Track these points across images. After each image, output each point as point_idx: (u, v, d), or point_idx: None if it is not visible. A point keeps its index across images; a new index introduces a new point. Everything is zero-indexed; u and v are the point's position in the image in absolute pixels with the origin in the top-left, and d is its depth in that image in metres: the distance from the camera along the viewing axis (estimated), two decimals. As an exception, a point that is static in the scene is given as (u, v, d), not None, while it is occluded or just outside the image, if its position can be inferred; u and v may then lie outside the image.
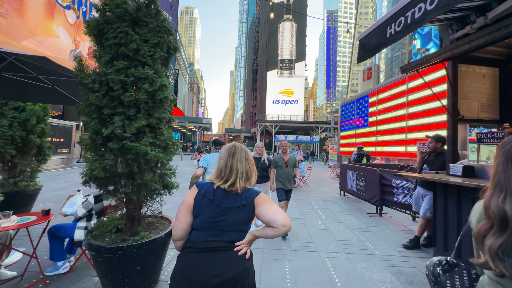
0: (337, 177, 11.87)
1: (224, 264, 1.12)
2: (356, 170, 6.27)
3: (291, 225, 1.15)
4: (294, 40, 57.56)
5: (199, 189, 1.23)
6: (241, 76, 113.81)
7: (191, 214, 1.20)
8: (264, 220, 1.16)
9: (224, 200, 1.20)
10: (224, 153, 1.30)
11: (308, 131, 48.73)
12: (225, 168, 1.25)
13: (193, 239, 1.18)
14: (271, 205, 1.20)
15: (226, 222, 1.17)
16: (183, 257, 1.17)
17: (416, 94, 11.54)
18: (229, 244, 1.17)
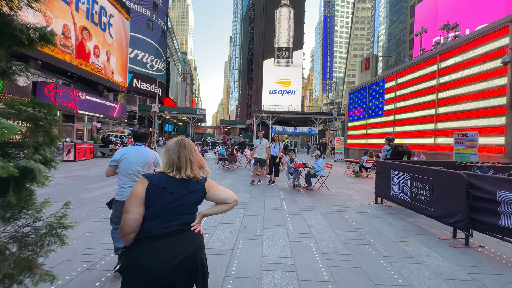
0: (354, 175, 10.03)
1: (184, 243, 1.26)
2: (411, 171, 4.36)
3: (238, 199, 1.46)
4: (292, 27, 54.78)
5: (150, 180, 1.26)
6: (235, 67, 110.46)
7: (143, 205, 1.24)
8: (220, 199, 1.40)
9: (177, 188, 1.29)
10: (175, 145, 1.36)
11: (306, 122, 46.84)
12: (178, 159, 1.32)
13: (148, 229, 1.23)
14: (220, 187, 1.45)
15: (181, 207, 1.29)
16: (138, 248, 1.21)
17: (452, 75, 9.63)
18: (185, 226, 1.30)
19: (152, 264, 1.16)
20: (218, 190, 1.41)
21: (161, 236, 1.21)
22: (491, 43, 8.04)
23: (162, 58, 47.42)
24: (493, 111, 7.90)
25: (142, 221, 1.23)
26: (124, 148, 2.50)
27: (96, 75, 20.35)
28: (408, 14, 50.33)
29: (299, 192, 6.53)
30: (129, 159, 2.36)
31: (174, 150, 1.34)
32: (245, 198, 5.68)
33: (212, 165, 12.52)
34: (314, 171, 6.79)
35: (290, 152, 7.73)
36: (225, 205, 1.40)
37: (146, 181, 1.26)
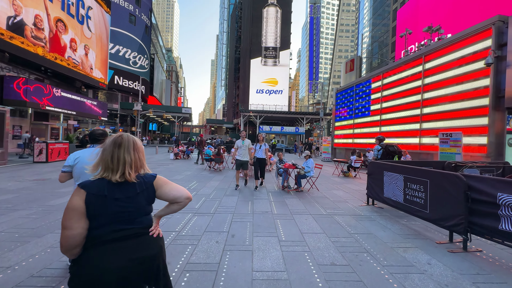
0: (343, 175, 9.96)
1: (140, 248, 1.19)
2: (405, 172, 4.22)
3: (192, 196, 1.38)
4: (279, 27, 54.87)
5: (87, 190, 1.16)
6: (222, 65, 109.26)
7: (84, 218, 1.13)
8: (170, 198, 1.31)
9: (121, 192, 1.19)
10: (109, 144, 1.25)
11: (293, 122, 47.09)
12: (111, 160, 1.22)
13: (98, 234, 1.14)
14: (172, 185, 1.35)
15: (131, 210, 1.20)
16: (90, 253, 1.13)
17: (437, 76, 9.80)
18: (143, 229, 1.24)
19: (107, 267, 1.10)
20: (168, 189, 1.32)
21: (113, 240, 1.14)
22: (474, 45, 8.22)
23: (145, 54, 45.78)
24: (476, 111, 8.08)
25: (87, 233, 1.14)
26: (78, 152, 2.24)
27: (72, 71, 19.10)
28: (390, 18, 51.84)
29: (289, 194, 6.28)
30: (83, 163, 2.11)
31: (108, 150, 1.24)
32: (232, 202, 5.34)
33: (197, 166, 12.03)
34: (304, 172, 6.56)
35: (279, 153, 7.46)
36: (176, 204, 1.34)
37: (83, 191, 1.15)
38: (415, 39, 31.11)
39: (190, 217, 4.25)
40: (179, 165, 12.14)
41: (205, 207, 4.87)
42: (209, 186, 7.10)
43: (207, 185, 7.25)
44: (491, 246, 3.34)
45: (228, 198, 5.65)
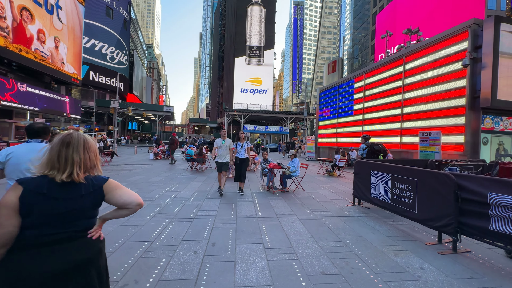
0: (327, 174, 9.91)
1: (77, 250, 1.15)
2: (392, 171, 4.12)
3: (143, 203, 1.32)
4: (263, 26, 54.81)
5: (25, 186, 1.10)
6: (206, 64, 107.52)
7: (17, 215, 1.07)
8: (120, 203, 1.26)
9: (62, 192, 1.15)
10: (57, 143, 1.20)
11: (278, 121, 47.26)
12: (57, 159, 1.17)
13: (29, 236, 1.08)
14: (123, 189, 1.29)
15: (72, 212, 1.16)
16: (16, 256, 1.06)
17: (416, 77, 10.04)
18: (81, 232, 1.19)
19: (34, 271, 1.05)
20: (119, 194, 1.27)
21: (44, 242, 1.09)
22: (452, 47, 8.47)
23: (124, 50, 43.70)
24: (454, 111, 8.33)
25: (18, 232, 1.08)
26: (10, 147, 1.98)
27: (41, 64, 17.58)
28: (370, 22, 53.61)
29: (274, 195, 6.04)
30: (18, 159, 1.88)
31: (55, 149, 1.19)
32: (214, 205, 4.99)
33: (179, 166, 11.48)
34: (289, 172, 6.35)
35: (264, 152, 7.20)
36: (126, 210, 1.29)
37: (20, 187, 1.10)
38: (393, 42, 32.33)
39: (166, 223, 3.85)
40: (159, 166, 11.51)
41: (184, 212, 4.48)
42: (190, 188, 6.68)
43: (188, 187, 6.82)
44: (479, 246, 3.29)
45: (210, 201, 5.29)
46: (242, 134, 6.15)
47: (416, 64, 9.86)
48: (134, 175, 8.57)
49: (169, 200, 5.26)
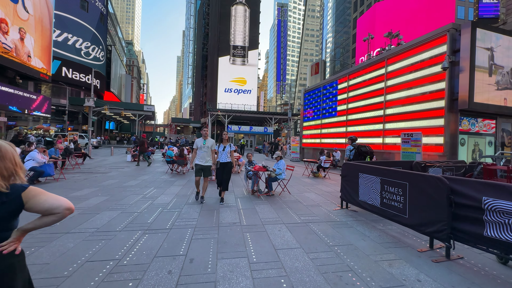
0: (312, 175, 9.80)
1: None
2: (382, 174, 3.98)
3: (74, 207, 1.22)
4: (247, 26, 54.56)
5: None
6: (189, 62, 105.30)
7: None
8: (44, 210, 1.17)
9: None
10: None
11: (262, 122, 47.16)
12: None
13: None
14: (47, 195, 1.21)
15: None
16: None
17: (398, 79, 10.23)
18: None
19: None
20: (43, 199, 1.17)
21: None
22: (431, 50, 8.69)
23: (101, 45, 41.43)
24: (434, 113, 8.53)
25: None
26: None
27: (2, 57, 15.99)
28: (351, 26, 55.19)
29: (259, 199, 5.74)
30: None
31: None
32: (194, 212, 4.59)
33: (158, 168, 10.84)
34: (275, 175, 6.09)
35: (248, 153, 6.88)
36: (52, 216, 1.17)
37: None
38: (373, 46, 33.38)
39: (139, 236, 3.41)
40: (137, 168, 10.80)
41: (160, 221, 4.04)
42: (169, 192, 6.20)
43: (166, 191, 6.33)
44: (469, 251, 3.20)
45: (190, 208, 4.88)
46: (226, 135, 5.38)
47: (397, 66, 10.05)
48: (108, 179, 7.88)
49: (144, 208, 4.78)
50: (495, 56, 8.08)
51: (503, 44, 8.24)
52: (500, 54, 8.17)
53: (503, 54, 8.25)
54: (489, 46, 7.95)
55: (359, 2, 52.00)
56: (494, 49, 8.05)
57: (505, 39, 8.27)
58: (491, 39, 7.96)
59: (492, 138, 8.85)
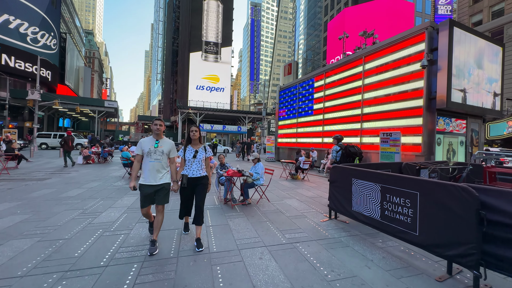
0: (291, 177, 9.10)
1: None
2: (383, 180, 3.29)
3: None
4: (220, 23, 52.99)
5: None
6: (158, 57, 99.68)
7: None
8: None
9: None
10: None
11: (235, 121, 46.05)
12: None
13: None
14: None
15: None
16: None
17: (376, 77, 10.02)
18: None
19: None
20: None
21: None
22: (410, 48, 8.52)
23: (53, 32, 36.65)
24: (412, 112, 8.37)
25: None
26: None
27: None
28: (322, 29, 56.66)
29: (234, 211, 4.78)
30: None
31: None
32: (148, 234, 3.47)
33: (114, 172, 9.24)
34: (252, 180, 5.18)
35: (220, 155, 5.86)
36: None
37: None
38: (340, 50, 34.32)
39: (51, 285, 2.23)
40: (87, 173, 9.08)
41: (93, 253, 2.87)
42: (119, 205, 4.92)
43: (116, 203, 5.04)
44: (495, 276, 2.62)
45: (142, 227, 3.73)
46: (197, 133, 3.29)
47: (375, 64, 9.82)
48: (42, 188, 6.25)
49: (77, 231, 3.52)
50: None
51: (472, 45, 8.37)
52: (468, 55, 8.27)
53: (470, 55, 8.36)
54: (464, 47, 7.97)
55: (330, 6, 53.55)
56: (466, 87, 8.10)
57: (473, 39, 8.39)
58: (465, 40, 8.00)
59: (463, 138, 9.02)
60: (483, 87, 8.64)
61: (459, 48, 7.74)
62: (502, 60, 9.27)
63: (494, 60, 8.99)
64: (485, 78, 8.70)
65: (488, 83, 8.81)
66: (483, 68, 8.62)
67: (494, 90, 9.09)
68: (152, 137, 3.07)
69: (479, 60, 8.48)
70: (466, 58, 8.03)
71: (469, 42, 8.11)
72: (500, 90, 9.31)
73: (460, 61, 7.82)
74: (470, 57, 8.18)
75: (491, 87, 8.96)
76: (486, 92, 8.76)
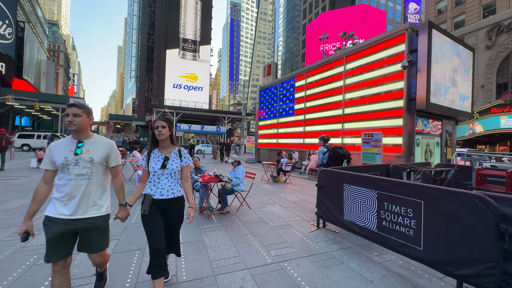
0: (272, 180, 8.66)
1: None
2: (379, 186, 2.92)
3: None
4: (199, 20, 51.56)
5: None
6: (132, 54, 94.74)
7: None
8: None
9: None
10: None
11: (214, 121, 44.92)
12: None
13: None
14: None
15: None
16: None
17: (357, 77, 9.96)
18: None
19: None
20: None
21: None
22: (390, 49, 8.51)
23: (7, 20, 32.87)
24: (393, 112, 8.36)
25: None
26: None
27: None
28: (300, 32, 57.60)
29: (210, 222, 4.17)
30: None
31: None
32: (98, 260, 2.74)
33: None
34: (231, 186, 4.61)
35: (195, 158, 5.20)
36: None
37: None
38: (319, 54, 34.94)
39: None
40: (38, 178, 7.83)
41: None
42: (70, 219, 4.06)
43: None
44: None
45: (93, 250, 2.98)
46: (165, 130, 2.15)
47: (356, 64, 9.75)
48: (-28, 199, 5.11)
49: (4, 258, 2.69)
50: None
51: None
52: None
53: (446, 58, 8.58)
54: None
55: (308, 10, 54.60)
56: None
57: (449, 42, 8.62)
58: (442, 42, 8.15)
59: (439, 139, 9.24)
60: (457, 89, 8.90)
61: (436, 51, 7.85)
62: (472, 64, 9.68)
63: (466, 63, 9.34)
64: (459, 80, 8.98)
65: (461, 85, 9.11)
66: (458, 72, 8.88)
67: (466, 93, 9.44)
68: (71, 137, 1.86)
69: (454, 64, 8.72)
70: (442, 61, 8.18)
71: (445, 45, 8.28)
72: (471, 93, 9.71)
73: (437, 64, 7.94)
74: (447, 60, 8.36)
75: (464, 89, 9.29)
76: (459, 95, 9.05)
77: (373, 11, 38.55)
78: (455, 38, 8.74)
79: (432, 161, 8.84)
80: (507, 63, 21.77)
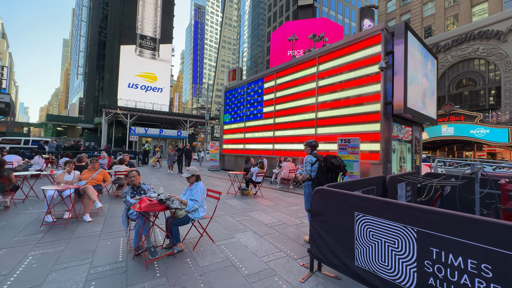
0: (240, 193, 7.30)
1: None
2: (423, 220, 1.84)
3: None
4: (159, 16, 48.21)
5: None
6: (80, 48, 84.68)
7: None
8: None
9: None
10: None
11: (175, 125, 41.70)
12: None
13: None
14: None
15: None
16: None
17: (331, 79, 9.32)
18: None
19: None
20: None
21: None
22: (366, 49, 8.03)
23: None
24: (370, 117, 7.82)
25: None
26: None
27: None
28: (265, 40, 58.20)
29: (148, 273, 2.64)
30: None
31: None
32: None
33: None
34: (185, 212, 3.15)
35: (132, 172, 3.57)
36: None
37: None
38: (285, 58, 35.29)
39: None
40: None
41: None
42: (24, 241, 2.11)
43: None
44: None
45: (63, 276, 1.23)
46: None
47: (330, 65, 9.13)
48: None
49: None
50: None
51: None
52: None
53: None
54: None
55: (272, 18, 55.53)
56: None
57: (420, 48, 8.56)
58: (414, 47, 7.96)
59: (410, 145, 9.07)
60: (426, 94, 8.86)
61: (411, 54, 7.58)
62: (436, 71, 9.89)
63: (433, 70, 9.46)
64: (427, 86, 8.97)
65: (429, 90, 9.13)
66: (427, 77, 8.86)
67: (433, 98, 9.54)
68: None
69: (425, 69, 8.66)
70: (415, 65, 7.98)
71: (417, 49, 8.12)
72: (436, 99, 9.87)
73: (412, 67, 7.68)
74: (418, 65, 8.21)
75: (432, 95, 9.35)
76: (429, 100, 9.04)
77: (332, 25, 40.60)
78: (425, 44, 8.72)
79: (405, 169, 8.57)
80: (444, 79, 24.50)
